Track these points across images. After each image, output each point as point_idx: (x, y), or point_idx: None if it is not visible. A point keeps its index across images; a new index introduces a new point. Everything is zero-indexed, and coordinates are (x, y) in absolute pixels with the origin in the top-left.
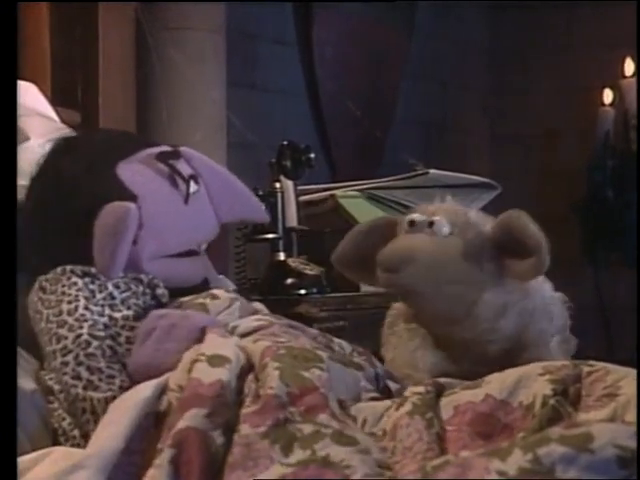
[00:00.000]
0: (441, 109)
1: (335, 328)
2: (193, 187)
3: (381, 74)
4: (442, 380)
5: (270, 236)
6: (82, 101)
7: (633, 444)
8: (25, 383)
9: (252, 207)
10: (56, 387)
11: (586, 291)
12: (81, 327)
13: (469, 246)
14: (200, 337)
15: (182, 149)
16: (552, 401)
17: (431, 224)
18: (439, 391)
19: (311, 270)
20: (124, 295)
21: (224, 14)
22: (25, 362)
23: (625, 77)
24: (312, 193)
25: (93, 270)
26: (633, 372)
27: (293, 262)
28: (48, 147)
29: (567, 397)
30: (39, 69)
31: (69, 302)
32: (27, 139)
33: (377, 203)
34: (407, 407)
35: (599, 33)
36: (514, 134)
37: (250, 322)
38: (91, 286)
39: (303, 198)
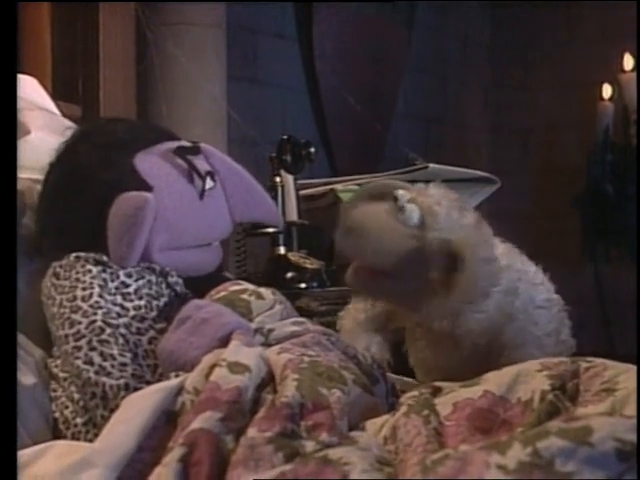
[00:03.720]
0: (441, 104)
1: (335, 322)
2: (209, 184)
3: (381, 69)
4: (439, 383)
5: (270, 230)
6: (83, 95)
7: (632, 437)
8: (25, 378)
9: (267, 209)
10: (61, 374)
11: (586, 286)
12: (95, 314)
13: (422, 245)
14: (227, 338)
15: (202, 145)
16: (550, 396)
17: (402, 209)
18: (434, 392)
19: (311, 264)
20: (137, 284)
21: (224, 9)
22: (26, 355)
23: (624, 72)
24: (312, 187)
25: (105, 258)
26: (631, 368)
27: (293, 256)
28: (62, 137)
29: (565, 392)
30: (40, 63)
31: (83, 289)
32: (28, 132)
33: None
34: (402, 410)
35: (598, 29)
36: (514, 129)
37: (286, 327)
38: (104, 274)
39: (303, 192)
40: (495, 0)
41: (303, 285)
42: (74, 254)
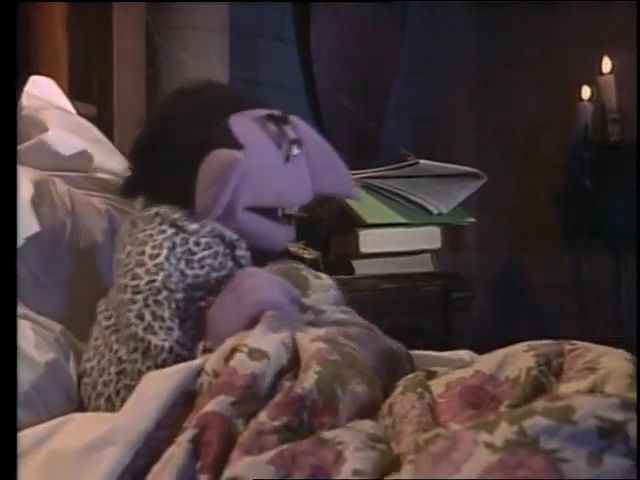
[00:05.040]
0: (431, 104)
1: None
2: (295, 150)
3: (375, 70)
4: (433, 368)
5: None
6: (97, 95)
7: (612, 415)
8: (41, 355)
9: (345, 182)
10: (104, 323)
11: (567, 275)
12: (157, 274)
13: None
14: (257, 317)
15: (291, 116)
16: (535, 372)
17: None
18: (429, 375)
19: (309, 254)
20: (202, 254)
21: (227, 14)
22: (44, 330)
23: (602, 74)
24: None
25: (180, 222)
26: (612, 350)
27: (292, 247)
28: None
29: (550, 369)
30: (57, 65)
31: (153, 247)
32: (46, 130)
33: (371, 191)
34: (399, 390)
35: (578, 33)
36: (499, 127)
37: (336, 313)
38: (175, 238)
39: None
40: (483, 1)
41: None
42: (155, 209)
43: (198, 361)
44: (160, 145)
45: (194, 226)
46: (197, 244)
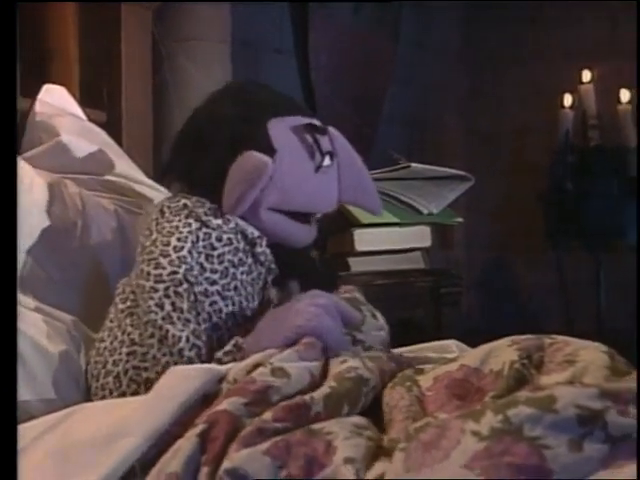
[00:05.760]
0: (422, 110)
1: None
2: (327, 161)
3: (370, 78)
4: (421, 366)
5: None
6: (107, 102)
7: (591, 404)
8: (53, 346)
9: (373, 198)
10: (120, 306)
11: (549, 273)
12: (179, 266)
13: None
14: (293, 340)
15: (330, 128)
16: (517, 365)
17: None
18: (417, 372)
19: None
20: (222, 249)
21: (229, 26)
22: (55, 321)
23: (582, 83)
24: None
25: (204, 217)
26: (590, 344)
27: None
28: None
29: (531, 362)
30: (69, 74)
31: (178, 239)
32: (58, 135)
33: None
34: (389, 386)
35: (561, 46)
36: (486, 133)
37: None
38: (199, 232)
39: None
40: (470, 18)
41: None
42: (184, 201)
43: (222, 368)
44: (200, 138)
45: (218, 221)
46: (219, 239)
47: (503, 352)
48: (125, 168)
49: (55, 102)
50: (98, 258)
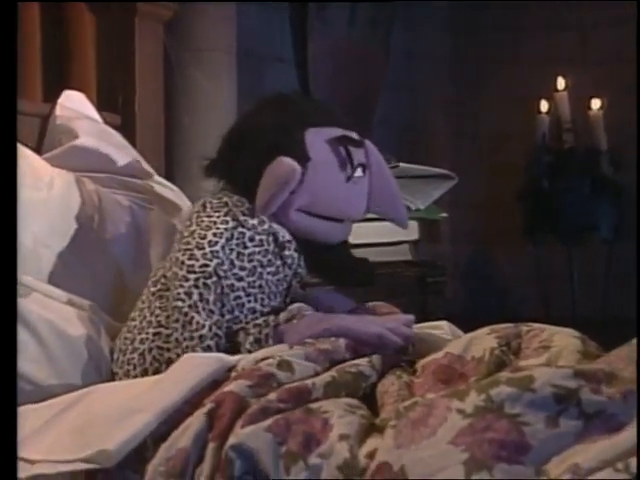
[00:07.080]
0: (411, 114)
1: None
2: (358, 173)
3: (363, 85)
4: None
5: None
6: (122, 107)
7: (567, 383)
8: (74, 329)
9: (400, 211)
10: (152, 288)
11: (527, 265)
12: (211, 260)
13: None
14: (314, 336)
15: (366, 142)
16: (497, 351)
17: None
18: (410, 363)
19: None
20: (253, 249)
21: (235, 37)
22: (77, 308)
23: (557, 91)
24: None
25: (241, 217)
26: (563, 330)
27: None
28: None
29: (510, 348)
30: (86, 79)
31: (214, 234)
32: (77, 137)
33: None
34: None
35: (538, 56)
36: (470, 135)
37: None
38: (233, 231)
39: None
40: (456, 30)
41: None
42: (225, 198)
43: (232, 359)
44: (243, 142)
45: (253, 222)
46: (251, 240)
47: (483, 340)
48: None
49: (74, 106)
50: (113, 250)
